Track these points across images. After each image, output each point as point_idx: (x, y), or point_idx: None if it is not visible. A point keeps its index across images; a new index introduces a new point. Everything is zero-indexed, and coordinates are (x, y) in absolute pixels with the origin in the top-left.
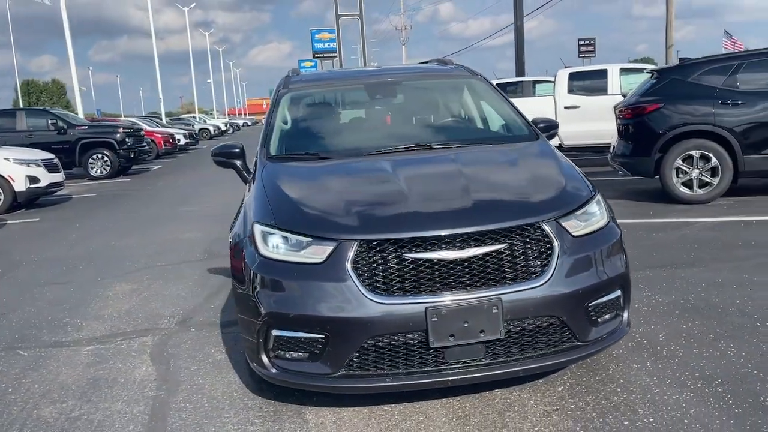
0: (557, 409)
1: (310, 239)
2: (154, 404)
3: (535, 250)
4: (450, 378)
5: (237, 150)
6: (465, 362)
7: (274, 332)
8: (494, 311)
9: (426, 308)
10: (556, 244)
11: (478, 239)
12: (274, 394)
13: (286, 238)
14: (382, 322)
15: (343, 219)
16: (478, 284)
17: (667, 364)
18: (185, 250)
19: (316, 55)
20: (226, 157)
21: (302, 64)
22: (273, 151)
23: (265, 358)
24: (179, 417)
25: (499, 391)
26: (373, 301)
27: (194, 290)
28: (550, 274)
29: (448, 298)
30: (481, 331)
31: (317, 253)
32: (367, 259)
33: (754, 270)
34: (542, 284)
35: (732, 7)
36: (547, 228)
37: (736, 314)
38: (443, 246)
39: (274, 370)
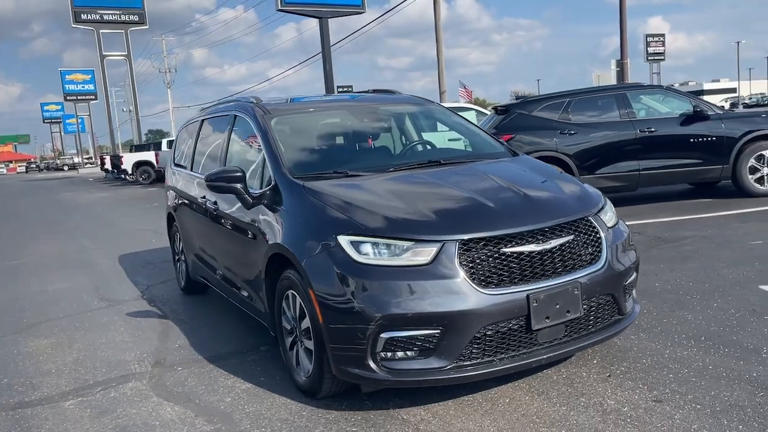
0: (609, 375)
1: (412, 243)
2: None
3: (590, 239)
4: (544, 356)
5: (239, 174)
6: (551, 341)
7: (386, 335)
8: (576, 293)
9: (528, 295)
10: (602, 234)
11: (554, 232)
12: (347, 403)
13: (380, 245)
14: (492, 311)
15: (438, 222)
16: (560, 271)
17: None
18: (70, 300)
19: (68, 98)
20: (227, 182)
21: (45, 108)
22: (295, 171)
23: (372, 363)
24: None
25: (551, 370)
26: (483, 293)
27: (135, 335)
28: (604, 258)
29: (542, 285)
30: (567, 311)
31: (421, 254)
32: (471, 256)
33: None
34: (602, 267)
35: (461, 61)
36: (593, 221)
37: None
38: (530, 240)
39: (383, 374)
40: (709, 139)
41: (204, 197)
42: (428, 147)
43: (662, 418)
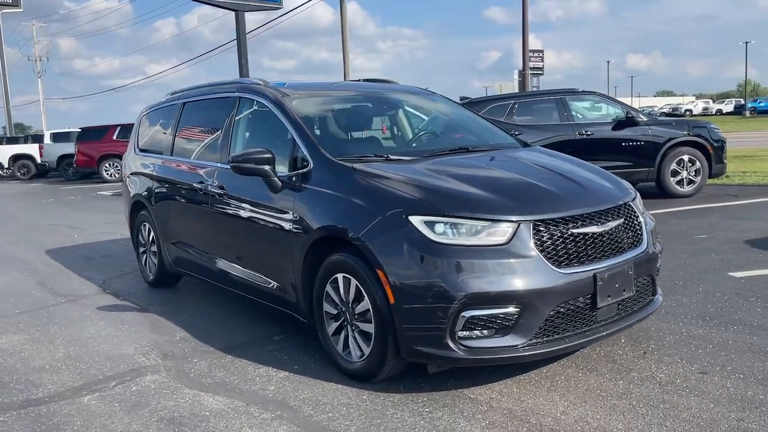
0: (643, 352)
1: (488, 222)
2: (306, 424)
3: (633, 223)
4: (604, 333)
5: (268, 155)
6: (606, 319)
7: (467, 313)
8: (630, 272)
9: (595, 274)
10: (641, 219)
11: (611, 214)
12: (403, 386)
13: (457, 224)
14: (566, 289)
15: (509, 203)
16: (616, 252)
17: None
18: (19, 296)
19: None
20: (256, 163)
21: None
22: (335, 153)
23: (451, 342)
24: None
25: (589, 350)
26: (558, 272)
27: (122, 328)
28: (645, 241)
29: (604, 264)
30: (624, 290)
31: (497, 234)
32: (543, 236)
33: None
34: (644, 249)
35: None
36: (633, 207)
37: None
38: (591, 222)
39: (461, 353)
40: (639, 143)
41: (202, 183)
42: (446, 134)
43: (716, 387)
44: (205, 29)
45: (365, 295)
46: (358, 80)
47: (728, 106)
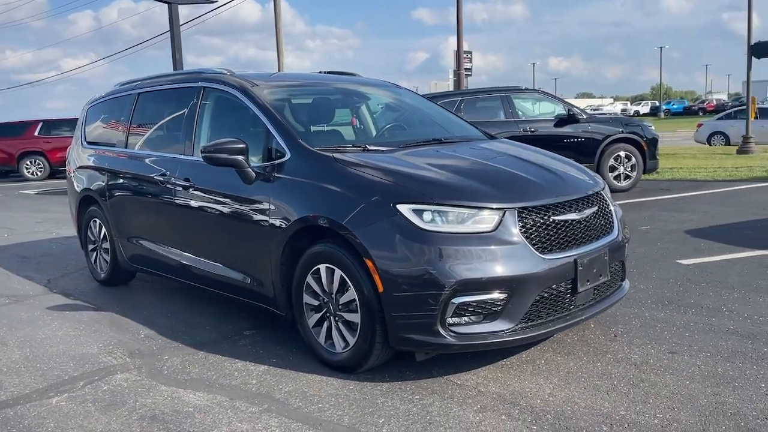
0: (614, 335)
1: (475, 210)
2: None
3: (605, 211)
4: (583, 317)
5: (242, 145)
6: (584, 304)
7: (457, 299)
8: (605, 258)
9: (575, 260)
10: (611, 207)
11: (586, 202)
12: (388, 374)
13: (445, 212)
14: (550, 275)
15: (493, 191)
16: (593, 238)
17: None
18: None
19: None
20: (230, 153)
21: None
22: (315, 143)
23: (441, 329)
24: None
25: (562, 335)
26: (543, 257)
27: (79, 328)
28: (616, 228)
29: (583, 251)
30: (600, 275)
31: (484, 222)
32: (528, 223)
33: None
34: (617, 235)
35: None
36: (605, 195)
37: None
38: (570, 209)
39: (451, 339)
40: (580, 139)
41: (164, 176)
42: (416, 126)
43: (688, 366)
44: (126, 24)
45: (350, 285)
46: (319, 72)
47: (644, 108)
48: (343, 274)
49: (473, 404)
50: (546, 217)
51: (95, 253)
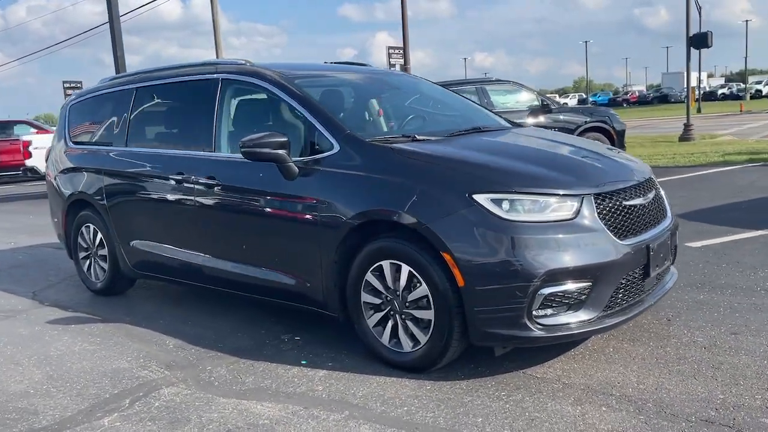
0: (668, 319)
1: (555, 198)
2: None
3: (659, 196)
4: (651, 303)
5: (284, 139)
6: (650, 289)
7: (545, 290)
8: (668, 242)
9: (647, 245)
10: (662, 192)
11: (647, 187)
12: (460, 373)
13: (524, 201)
14: (629, 261)
15: (569, 178)
16: (655, 222)
17: None
18: None
19: None
20: (272, 148)
21: None
22: (366, 135)
23: (528, 322)
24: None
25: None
26: (621, 243)
27: (95, 342)
28: (669, 213)
29: (651, 235)
30: (665, 259)
31: (563, 209)
32: (604, 209)
33: None
34: (671, 221)
35: None
36: (655, 180)
37: None
38: (636, 194)
39: (538, 332)
40: (554, 129)
41: (181, 175)
42: (450, 115)
43: (756, 345)
44: (37, 22)
45: (421, 280)
46: (330, 63)
47: (573, 101)
48: (412, 270)
49: (565, 397)
50: (618, 203)
51: (88, 261)
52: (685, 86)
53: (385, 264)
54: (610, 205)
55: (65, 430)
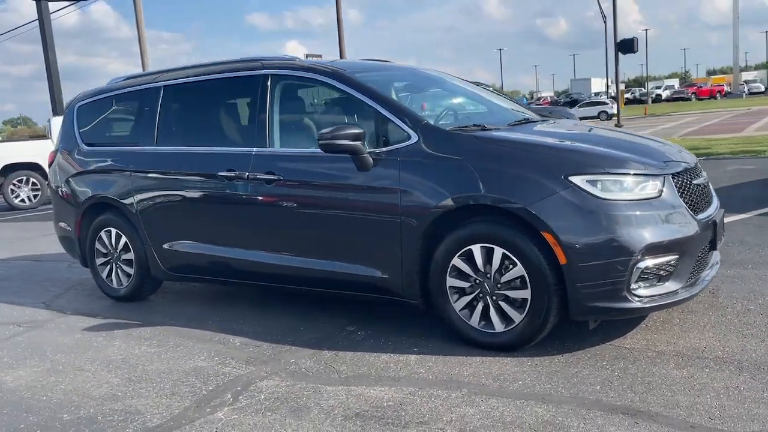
0: (712, 292)
1: (642, 177)
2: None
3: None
4: (714, 274)
5: (360, 131)
6: (711, 263)
7: (642, 264)
8: (718, 220)
9: (714, 220)
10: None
11: (700, 169)
12: (550, 348)
13: (614, 182)
14: (703, 235)
15: (648, 160)
16: (711, 201)
17: None
18: None
19: None
20: (351, 139)
21: None
22: (444, 127)
23: (627, 294)
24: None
25: None
26: (697, 219)
27: (152, 344)
28: (715, 196)
29: (712, 212)
30: (723, 235)
31: (648, 188)
32: (680, 188)
33: None
34: (718, 203)
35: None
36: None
37: None
38: (695, 175)
39: (637, 303)
40: None
41: (233, 171)
42: (493, 108)
43: None
44: None
45: (516, 261)
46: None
47: None
48: (506, 251)
49: (665, 363)
50: (688, 181)
51: (108, 267)
52: (593, 92)
53: (475, 248)
54: (683, 183)
55: (182, 426)
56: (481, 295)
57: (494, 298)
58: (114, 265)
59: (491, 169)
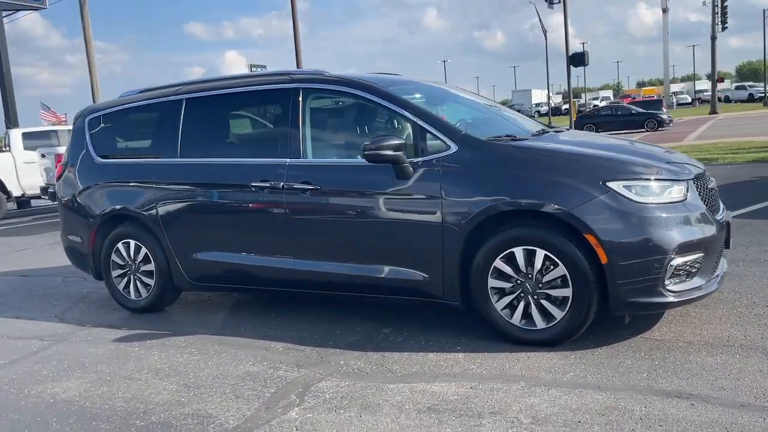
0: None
1: (670, 182)
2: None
3: None
4: (726, 270)
5: (401, 141)
6: (722, 263)
7: (675, 262)
8: (729, 221)
9: (727, 221)
10: None
11: (708, 175)
12: (587, 342)
13: (651, 186)
14: (722, 235)
15: (672, 167)
16: (719, 204)
17: None
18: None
19: None
20: (394, 150)
21: None
22: (480, 137)
23: (662, 290)
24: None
25: None
26: (716, 220)
27: (195, 353)
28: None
29: (723, 214)
30: (731, 236)
31: (675, 192)
32: (700, 191)
33: None
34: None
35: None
36: None
37: None
38: (709, 179)
39: (671, 297)
40: None
41: (266, 181)
42: (505, 119)
43: None
44: None
45: (558, 262)
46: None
47: None
48: (548, 253)
49: (697, 352)
50: (704, 185)
51: (126, 279)
52: (534, 103)
53: (517, 250)
54: (700, 187)
55: (261, 427)
56: (522, 294)
57: (535, 297)
58: (132, 276)
59: (532, 176)
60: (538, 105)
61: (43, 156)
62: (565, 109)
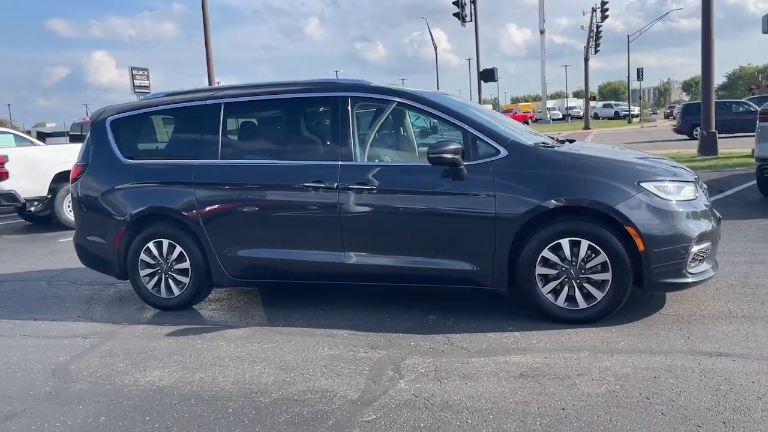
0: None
1: (684, 183)
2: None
3: None
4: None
5: (459, 146)
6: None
7: (694, 248)
8: (720, 216)
9: (719, 216)
10: None
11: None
12: (613, 319)
13: (674, 186)
14: (719, 226)
15: (681, 171)
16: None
17: None
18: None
19: None
20: (453, 153)
21: None
22: (527, 143)
23: (685, 272)
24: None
25: None
26: (715, 215)
27: (261, 342)
28: None
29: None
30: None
31: (688, 192)
32: (702, 191)
33: None
34: None
35: None
36: None
37: None
38: (702, 182)
39: (691, 278)
40: None
41: (320, 182)
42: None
43: None
44: None
45: (600, 250)
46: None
47: None
48: (591, 243)
49: (714, 322)
50: (702, 186)
51: (156, 278)
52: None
53: (564, 241)
54: (701, 189)
55: (382, 396)
56: (566, 279)
57: (578, 281)
58: (164, 275)
59: (579, 177)
60: None
61: None
62: None
